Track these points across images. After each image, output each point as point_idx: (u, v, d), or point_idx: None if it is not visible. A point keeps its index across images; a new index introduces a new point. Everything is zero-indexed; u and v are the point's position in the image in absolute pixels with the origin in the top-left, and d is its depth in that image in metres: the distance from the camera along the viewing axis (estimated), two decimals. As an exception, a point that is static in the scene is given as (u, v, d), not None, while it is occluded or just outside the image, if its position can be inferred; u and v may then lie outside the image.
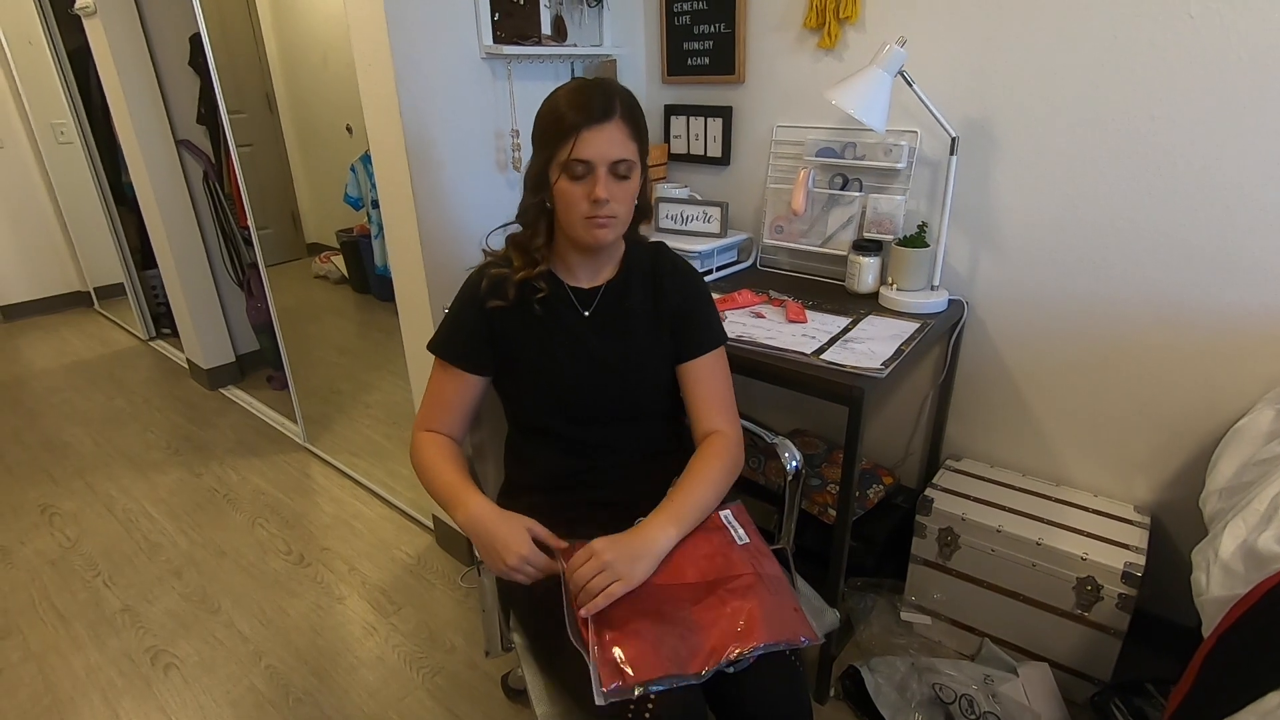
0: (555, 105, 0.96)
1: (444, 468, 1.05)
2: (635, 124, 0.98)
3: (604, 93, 0.95)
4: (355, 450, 2.51)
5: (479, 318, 1.06)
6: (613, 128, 0.94)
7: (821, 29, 1.64)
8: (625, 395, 1.09)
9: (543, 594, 0.99)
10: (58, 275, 4.10)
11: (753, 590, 0.93)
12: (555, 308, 1.07)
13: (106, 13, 2.47)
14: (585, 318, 1.08)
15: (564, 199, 0.97)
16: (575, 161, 0.94)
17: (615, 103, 0.95)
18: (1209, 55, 1.25)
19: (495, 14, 1.54)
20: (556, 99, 0.97)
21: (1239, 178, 1.27)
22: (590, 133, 0.93)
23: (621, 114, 0.95)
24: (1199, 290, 1.37)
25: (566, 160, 0.94)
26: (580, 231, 0.99)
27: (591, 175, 0.95)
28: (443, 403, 1.09)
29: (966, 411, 1.74)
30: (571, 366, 1.06)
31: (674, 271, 1.13)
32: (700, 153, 1.98)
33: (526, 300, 1.06)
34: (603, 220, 0.97)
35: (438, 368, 1.09)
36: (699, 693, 0.88)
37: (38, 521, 2.17)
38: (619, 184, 0.97)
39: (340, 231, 4.15)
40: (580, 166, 0.94)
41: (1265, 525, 0.97)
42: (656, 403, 1.13)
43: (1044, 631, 1.48)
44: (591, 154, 0.93)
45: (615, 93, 0.96)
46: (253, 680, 1.59)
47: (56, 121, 3.60)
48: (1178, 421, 1.46)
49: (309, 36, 4.17)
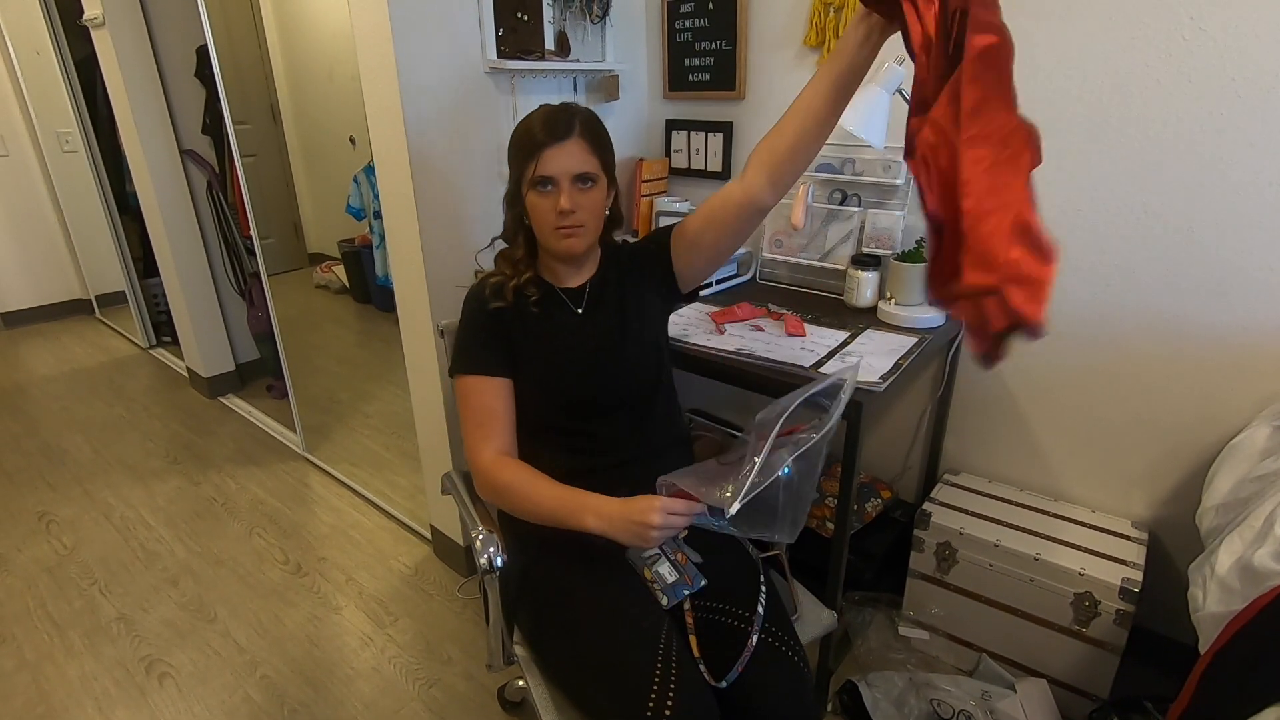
0: (524, 128, 1.06)
1: (541, 486, 1.03)
2: (595, 139, 1.07)
3: (565, 113, 1.04)
4: (354, 460, 2.51)
5: (489, 323, 1.11)
6: (572, 144, 1.03)
7: (821, 47, 1.67)
8: (624, 377, 1.15)
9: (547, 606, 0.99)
10: (60, 283, 4.11)
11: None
12: (549, 309, 1.14)
13: (115, 24, 2.50)
14: (579, 315, 1.15)
15: (535, 212, 1.07)
16: (540, 178, 1.03)
17: (575, 122, 1.04)
18: (1203, 76, 1.27)
19: (499, 29, 1.56)
20: (526, 123, 1.06)
21: (1235, 195, 1.29)
22: (552, 150, 1.02)
23: (580, 131, 1.04)
24: (1196, 307, 1.38)
25: (533, 176, 1.03)
26: (552, 242, 1.08)
27: (556, 189, 1.04)
28: (491, 416, 1.09)
29: (964, 426, 1.75)
30: (572, 361, 1.12)
31: (633, 249, 1.24)
32: (701, 167, 2.00)
33: (524, 303, 1.12)
34: (569, 230, 1.06)
35: (470, 385, 1.10)
36: (712, 697, 0.92)
37: (35, 529, 2.17)
38: (583, 194, 1.05)
39: (342, 242, 4.18)
40: (545, 181, 1.03)
41: (1261, 541, 0.97)
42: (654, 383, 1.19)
43: (1042, 647, 1.48)
44: (554, 170, 1.03)
45: (575, 113, 1.05)
46: (248, 690, 1.59)
47: (62, 130, 3.63)
48: (1174, 438, 1.47)
49: (315, 49, 4.22)
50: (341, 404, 2.96)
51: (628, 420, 1.16)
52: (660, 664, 0.91)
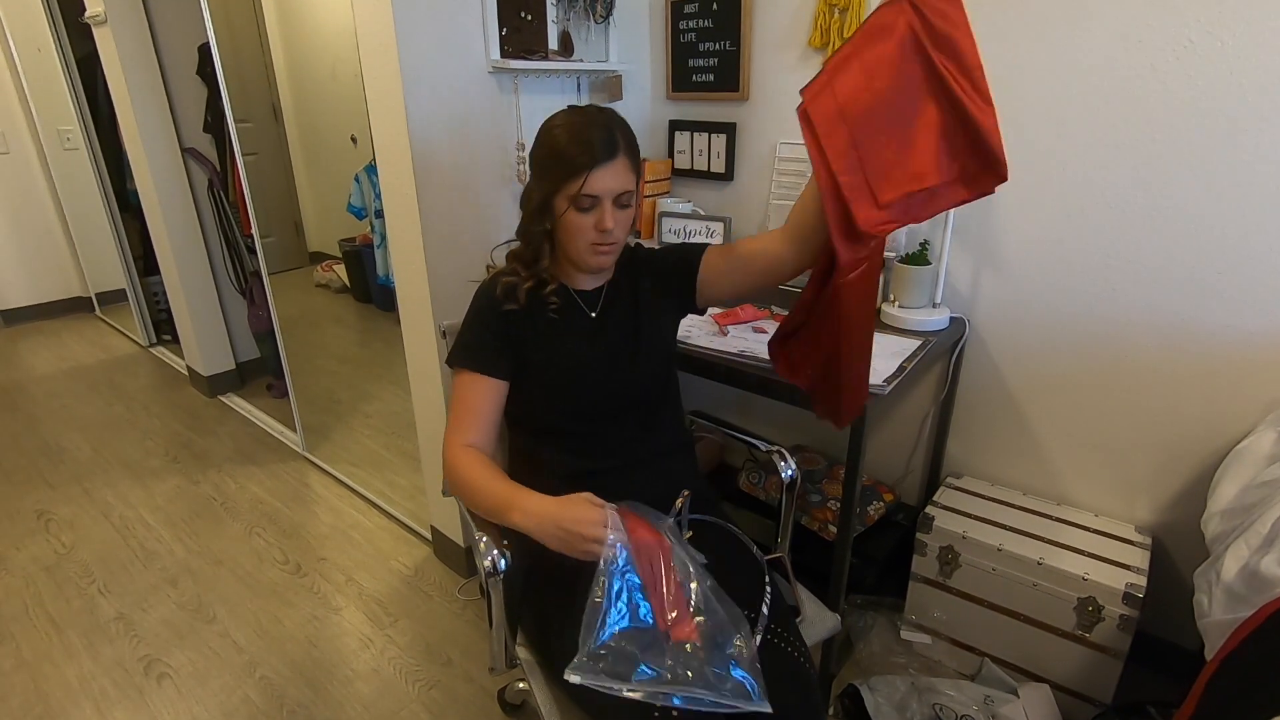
0: (560, 141, 1.00)
1: (487, 477, 1.01)
2: (634, 155, 1.05)
3: (608, 129, 1.00)
4: (354, 460, 2.50)
5: (496, 323, 1.09)
6: (619, 163, 1.00)
7: (826, 48, 1.66)
8: (635, 383, 1.14)
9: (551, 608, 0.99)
10: (60, 280, 4.10)
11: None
12: (565, 312, 1.12)
13: (116, 21, 2.49)
14: (593, 318, 1.14)
15: (571, 228, 1.03)
16: (585, 196, 0.99)
17: (619, 139, 1.00)
18: (1208, 81, 1.26)
19: (503, 29, 1.56)
20: (561, 134, 1.00)
21: (1239, 200, 1.28)
22: (600, 171, 0.98)
23: (624, 149, 1.01)
24: (1201, 312, 1.37)
25: (576, 195, 0.99)
26: (587, 257, 1.05)
27: (598, 207, 1.01)
28: (473, 412, 1.08)
29: (967, 429, 1.74)
30: (585, 365, 1.11)
31: (649, 255, 1.22)
32: (704, 168, 1.99)
33: (538, 305, 1.10)
34: (606, 248, 1.04)
35: (464, 379, 1.09)
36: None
37: (34, 527, 2.16)
38: (621, 213, 1.03)
39: (343, 241, 4.17)
40: (589, 200, 1.00)
41: (1268, 548, 0.96)
42: (654, 390, 1.18)
43: (1044, 652, 1.47)
44: (600, 189, 0.99)
45: (617, 128, 1.01)
46: (247, 691, 1.58)
47: (63, 128, 3.63)
48: (1179, 442, 1.46)
49: (317, 48, 4.21)
50: (342, 404, 2.96)
51: (634, 424, 1.15)
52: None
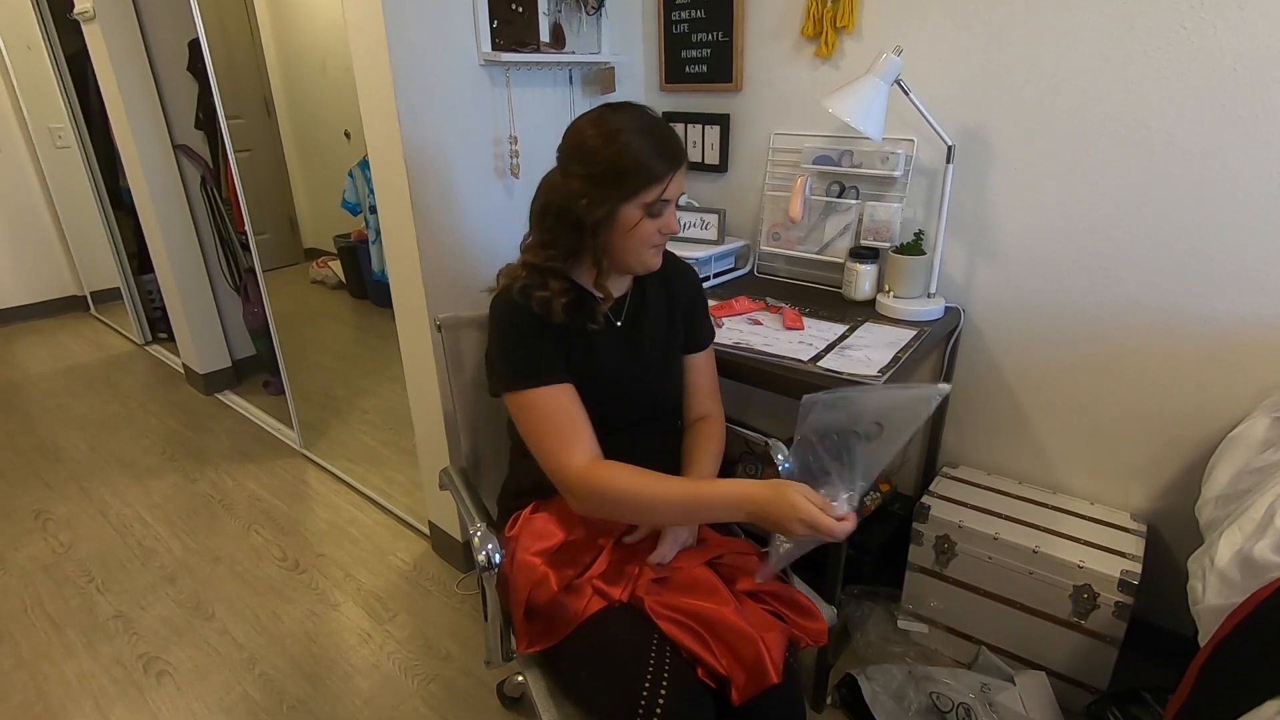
0: (635, 149, 0.97)
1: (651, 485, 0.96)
2: None
3: (671, 131, 1.03)
4: (351, 456, 2.50)
5: (538, 328, 1.04)
6: (684, 168, 1.04)
7: (819, 38, 1.65)
8: (655, 394, 1.16)
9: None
10: (54, 280, 4.09)
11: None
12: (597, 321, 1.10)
13: (105, 18, 2.47)
14: (619, 327, 1.14)
15: (637, 233, 1.03)
16: (661, 202, 1.02)
17: (681, 145, 1.04)
18: (1202, 66, 1.26)
19: (494, 21, 1.55)
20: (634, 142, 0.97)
21: (1233, 186, 1.28)
22: (676, 176, 1.02)
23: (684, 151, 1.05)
24: (1195, 298, 1.37)
25: (654, 201, 1.01)
26: (648, 260, 1.07)
27: (666, 209, 1.04)
28: (571, 424, 1.01)
29: (963, 419, 1.74)
30: (613, 373, 1.11)
31: (679, 272, 1.23)
32: (698, 160, 1.98)
33: (572, 316, 1.05)
34: (659, 247, 1.08)
35: (534, 399, 1.01)
36: (707, 694, 0.92)
37: (31, 527, 2.16)
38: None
39: (338, 237, 4.15)
40: (661, 205, 1.03)
41: (1261, 534, 0.97)
42: (675, 398, 1.22)
43: (1041, 640, 1.48)
44: (673, 194, 1.03)
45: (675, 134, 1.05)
46: (246, 688, 1.58)
47: (54, 126, 3.60)
48: (1173, 429, 1.47)
49: (308, 42, 4.18)
50: (338, 400, 2.96)
51: (653, 431, 1.16)
52: (654, 656, 0.91)
